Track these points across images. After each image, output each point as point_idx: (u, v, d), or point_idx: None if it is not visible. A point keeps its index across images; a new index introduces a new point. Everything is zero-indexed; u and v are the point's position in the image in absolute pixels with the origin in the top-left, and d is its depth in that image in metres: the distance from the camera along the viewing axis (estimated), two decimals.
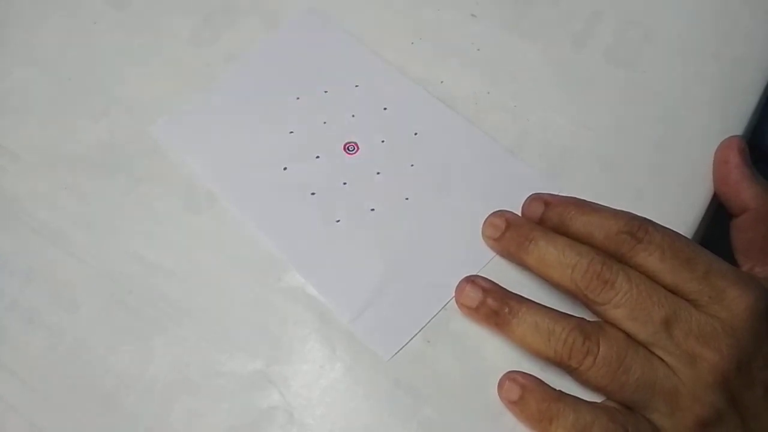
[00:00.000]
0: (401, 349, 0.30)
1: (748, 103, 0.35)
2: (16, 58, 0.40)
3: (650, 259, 0.28)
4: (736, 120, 0.35)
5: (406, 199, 0.34)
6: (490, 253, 0.32)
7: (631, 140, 0.34)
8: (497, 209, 0.32)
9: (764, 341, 0.27)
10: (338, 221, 0.33)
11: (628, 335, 0.28)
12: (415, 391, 0.30)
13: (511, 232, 0.31)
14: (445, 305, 0.31)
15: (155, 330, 0.31)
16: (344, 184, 0.34)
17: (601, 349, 0.27)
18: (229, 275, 0.32)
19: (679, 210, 0.33)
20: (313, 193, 0.34)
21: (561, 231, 0.30)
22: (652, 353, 0.27)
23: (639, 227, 0.29)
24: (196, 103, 0.37)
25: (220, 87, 0.37)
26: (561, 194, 0.32)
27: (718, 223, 0.33)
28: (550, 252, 0.29)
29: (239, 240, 0.33)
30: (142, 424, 0.30)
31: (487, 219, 0.32)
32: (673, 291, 0.28)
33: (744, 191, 0.32)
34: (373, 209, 0.33)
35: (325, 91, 0.37)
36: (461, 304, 0.30)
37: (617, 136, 0.34)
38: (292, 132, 0.36)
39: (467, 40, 0.38)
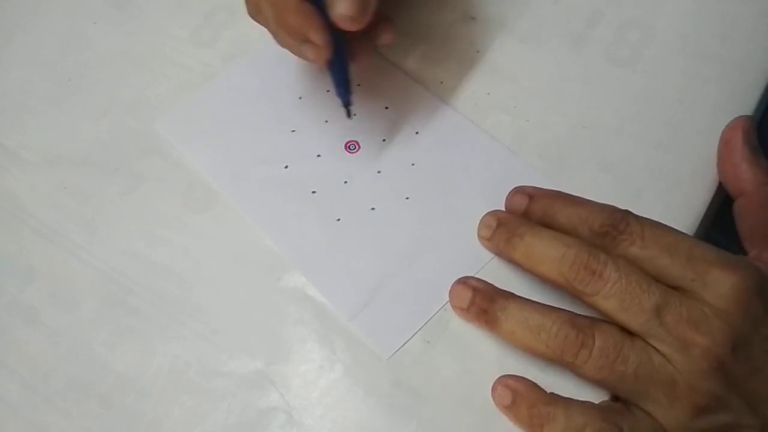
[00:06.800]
0: (400, 348, 0.30)
1: (748, 104, 0.35)
2: (16, 58, 0.40)
3: (631, 249, 0.28)
4: None
5: (407, 198, 0.34)
6: (489, 254, 0.32)
7: (631, 140, 0.34)
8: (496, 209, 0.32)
9: (761, 323, 0.26)
10: (339, 220, 0.33)
11: (621, 326, 0.28)
12: (414, 391, 0.29)
13: (501, 230, 0.31)
14: (445, 305, 0.31)
15: (155, 330, 0.31)
16: (345, 182, 0.34)
17: (596, 341, 0.27)
18: (230, 275, 0.32)
19: (680, 210, 0.33)
20: (314, 192, 0.34)
21: (545, 225, 0.30)
22: (647, 343, 0.27)
23: (621, 219, 0.29)
24: (198, 101, 0.37)
25: (222, 86, 0.37)
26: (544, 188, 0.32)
27: (722, 223, 0.33)
28: (536, 246, 0.29)
29: (239, 240, 0.33)
30: (142, 424, 0.30)
31: (481, 220, 0.32)
32: (657, 280, 0.28)
33: (742, 174, 0.32)
34: (373, 208, 0.33)
35: (327, 90, 0.37)
36: (454, 306, 0.31)
37: (617, 136, 0.34)
38: (293, 131, 0.36)
39: (467, 41, 0.38)
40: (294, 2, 0.29)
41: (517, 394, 0.28)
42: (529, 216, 0.31)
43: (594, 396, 0.29)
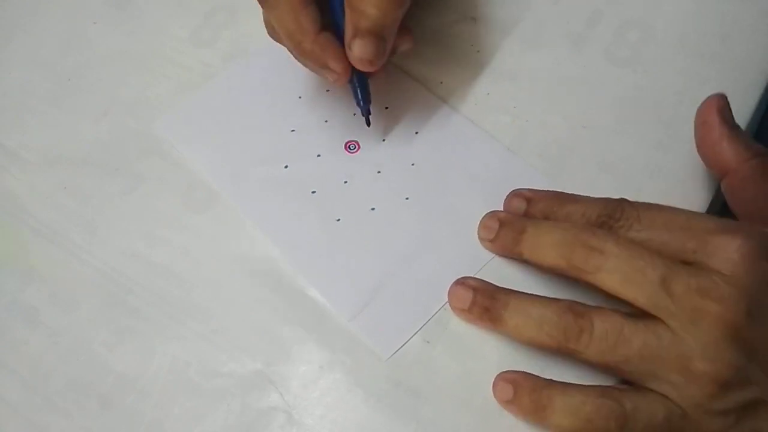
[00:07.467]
0: (400, 349, 0.30)
1: (748, 104, 0.35)
2: (16, 58, 0.40)
3: (629, 234, 0.28)
4: (736, 120, 0.35)
5: (407, 198, 0.34)
6: (490, 253, 0.32)
7: (630, 140, 0.34)
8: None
9: None
10: (338, 220, 0.33)
11: (628, 303, 0.27)
12: (414, 391, 0.29)
13: (505, 230, 0.31)
14: (444, 305, 0.31)
15: (155, 330, 0.31)
16: (345, 182, 0.34)
17: (595, 325, 0.27)
18: (230, 275, 0.32)
19: None
20: (313, 192, 0.34)
21: None
22: (655, 321, 0.26)
23: (616, 207, 0.29)
24: (197, 101, 0.37)
25: (222, 86, 0.37)
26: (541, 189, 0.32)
27: None
28: (538, 236, 0.29)
29: (239, 240, 0.33)
30: (142, 424, 0.30)
31: (481, 222, 0.32)
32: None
33: (723, 151, 0.30)
34: (373, 208, 0.33)
35: (327, 90, 0.37)
36: (454, 308, 0.31)
37: (617, 136, 0.34)
38: (293, 130, 0.36)
39: (467, 41, 0.38)
40: (312, 35, 0.30)
41: (517, 385, 0.28)
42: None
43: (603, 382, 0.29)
